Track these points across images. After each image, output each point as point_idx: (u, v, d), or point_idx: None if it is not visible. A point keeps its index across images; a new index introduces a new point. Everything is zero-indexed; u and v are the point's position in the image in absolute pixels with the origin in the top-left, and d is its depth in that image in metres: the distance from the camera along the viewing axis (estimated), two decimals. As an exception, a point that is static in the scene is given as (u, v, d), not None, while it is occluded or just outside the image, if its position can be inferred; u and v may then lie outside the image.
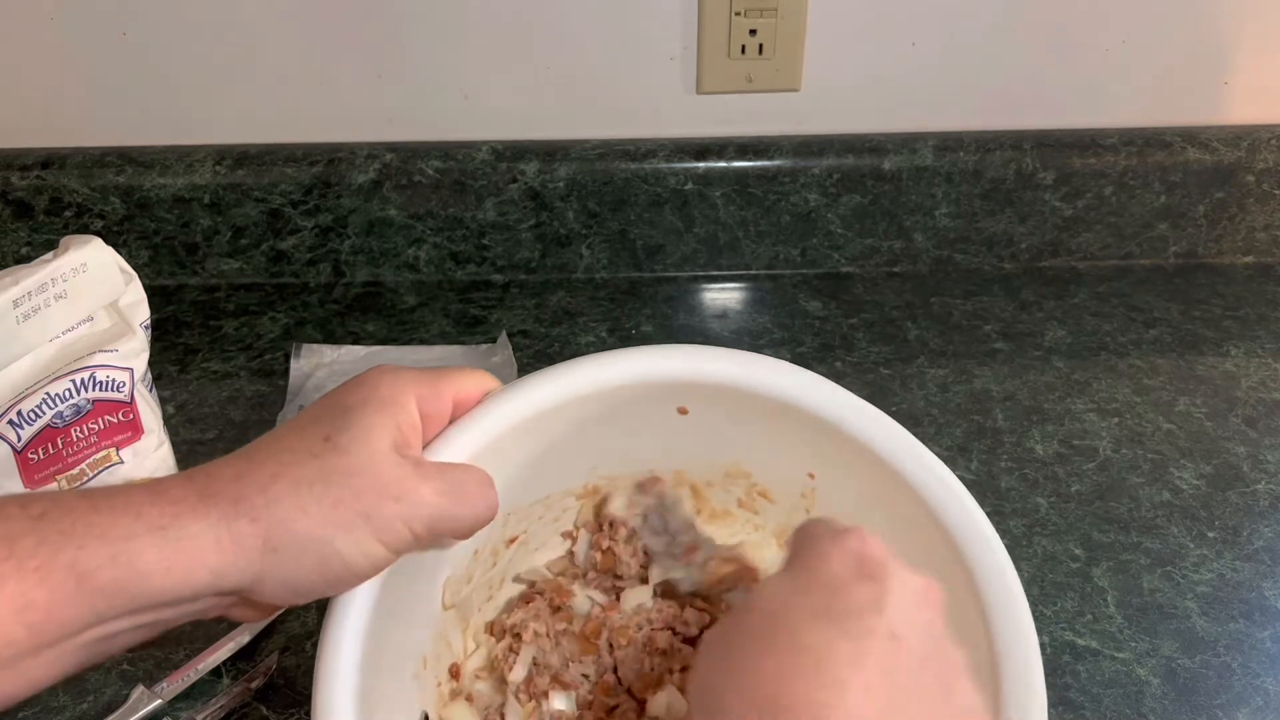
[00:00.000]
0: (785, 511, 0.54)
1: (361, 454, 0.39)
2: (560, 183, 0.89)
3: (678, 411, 0.51)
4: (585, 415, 0.50)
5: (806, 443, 0.50)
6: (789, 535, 0.43)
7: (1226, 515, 0.69)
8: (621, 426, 0.51)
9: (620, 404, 0.50)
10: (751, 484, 0.55)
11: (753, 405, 0.50)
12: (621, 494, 0.54)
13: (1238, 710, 0.57)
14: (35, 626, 0.34)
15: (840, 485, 0.51)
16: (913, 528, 0.46)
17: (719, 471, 0.54)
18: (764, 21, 0.85)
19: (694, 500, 0.56)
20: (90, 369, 0.59)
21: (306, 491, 0.38)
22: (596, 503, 0.55)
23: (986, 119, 0.91)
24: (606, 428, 0.51)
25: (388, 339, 0.86)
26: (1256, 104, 0.91)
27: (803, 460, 0.52)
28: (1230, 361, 0.83)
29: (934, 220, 0.92)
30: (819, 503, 0.53)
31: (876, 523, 0.45)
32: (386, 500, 0.39)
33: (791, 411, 0.49)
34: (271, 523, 0.38)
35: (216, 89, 0.89)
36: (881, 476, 0.48)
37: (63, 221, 0.89)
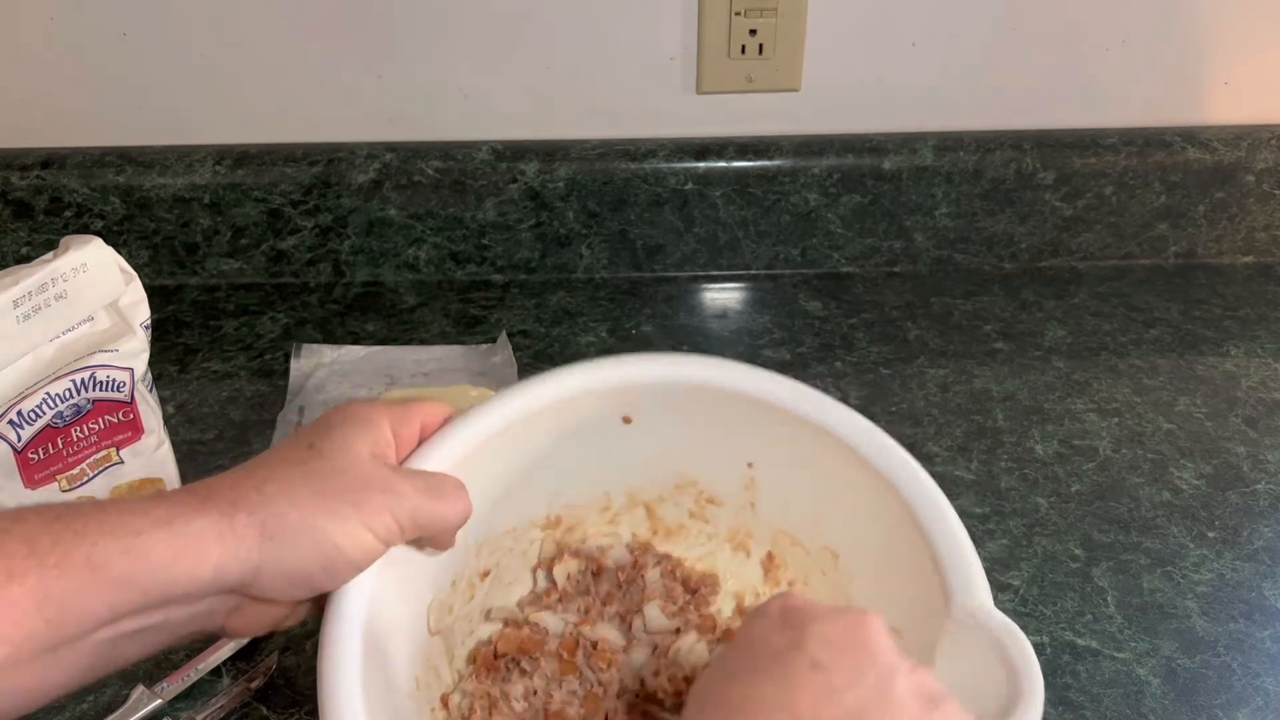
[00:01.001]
0: (733, 512, 0.57)
1: (344, 458, 0.43)
2: (560, 183, 0.89)
3: (623, 421, 0.54)
4: (539, 437, 0.53)
5: (740, 428, 0.53)
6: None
7: (1226, 515, 0.69)
8: (574, 445, 0.54)
9: (569, 419, 0.53)
10: (699, 492, 0.57)
11: (688, 400, 0.53)
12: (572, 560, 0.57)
13: (1237, 710, 0.57)
14: (54, 621, 0.36)
15: (776, 463, 0.54)
16: (845, 476, 0.50)
17: (669, 484, 0.57)
18: (764, 21, 0.85)
19: (649, 521, 0.58)
20: (90, 369, 0.59)
21: (298, 487, 0.41)
22: (559, 538, 0.57)
23: (986, 119, 0.91)
24: (561, 448, 0.54)
25: (388, 339, 0.86)
26: (1256, 104, 0.91)
27: (740, 449, 0.54)
28: (1230, 361, 0.83)
29: (934, 220, 0.92)
30: (761, 492, 0.55)
31: (806, 481, 0.51)
32: (373, 492, 0.42)
33: (722, 398, 0.52)
34: (267, 514, 0.40)
35: (216, 89, 0.89)
36: (807, 438, 0.51)
37: (63, 221, 0.89)
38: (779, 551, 0.56)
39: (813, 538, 0.54)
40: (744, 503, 0.56)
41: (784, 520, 0.55)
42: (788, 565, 0.55)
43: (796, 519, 0.55)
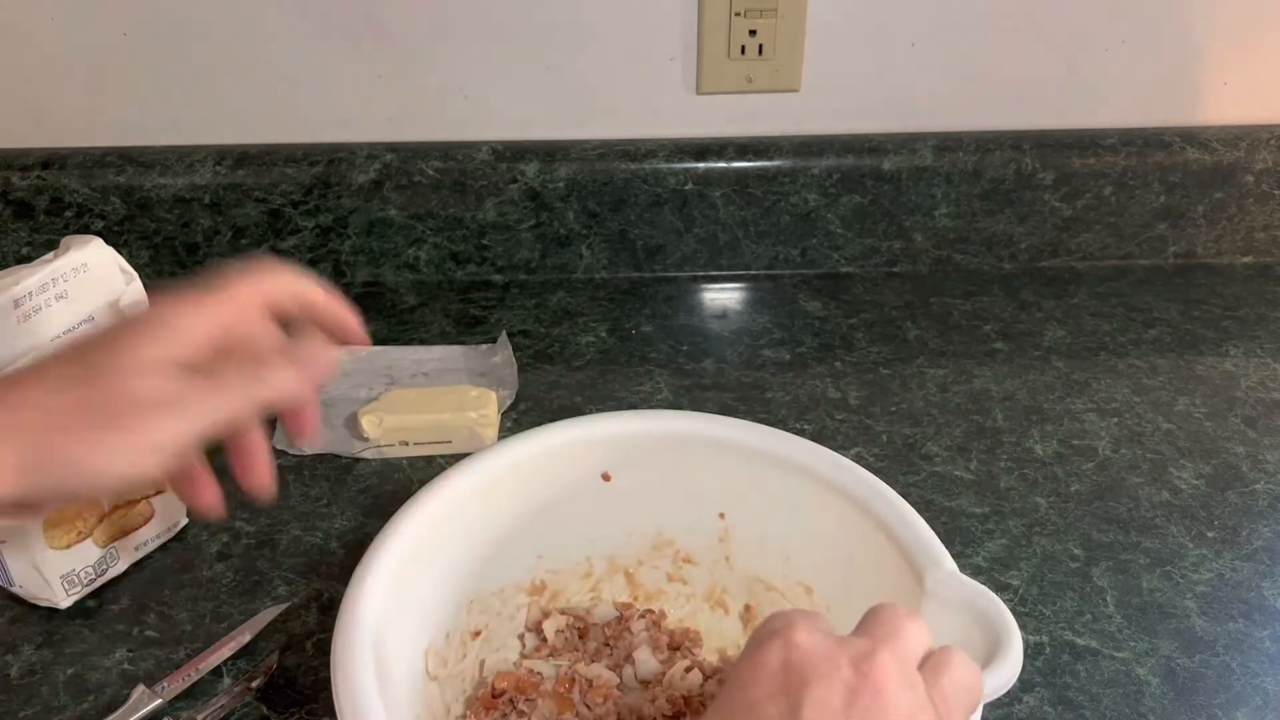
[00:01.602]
0: (709, 569, 0.58)
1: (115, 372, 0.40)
2: (560, 183, 0.89)
3: (603, 479, 0.55)
4: (523, 495, 0.54)
5: (711, 476, 0.55)
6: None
7: (1226, 515, 0.69)
8: (558, 504, 0.55)
9: (551, 475, 0.54)
10: (675, 551, 0.58)
11: (662, 452, 0.55)
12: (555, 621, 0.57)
13: (1237, 710, 0.57)
14: None
15: (746, 507, 0.55)
16: (805, 503, 0.52)
17: (646, 545, 0.58)
18: (764, 22, 0.85)
19: (629, 587, 0.59)
20: (91, 369, 0.59)
21: (56, 409, 0.39)
22: (544, 605, 0.58)
23: (986, 119, 0.92)
24: (544, 507, 0.55)
25: (388, 339, 0.86)
26: (1256, 104, 0.92)
27: (712, 500, 0.56)
28: (1229, 361, 0.83)
29: (934, 220, 0.92)
30: (735, 542, 0.56)
31: (773, 519, 0.54)
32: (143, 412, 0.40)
33: (691, 447, 0.54)
34: (22, 445, 0.38)
35: (216, 89, 0.89)
36: (771, 474, 0.53)
37: (63, 221, 0.90)
38: (756, 601, 0.57)
39: (785, 577, 0.55)
40: (719, 557, 0.57)
41: (758, 566, 0.56)
42: (765, 612, 0.55)
43: (769, 562, 0.56)
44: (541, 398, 0.79)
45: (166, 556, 0.66)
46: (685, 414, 0.56)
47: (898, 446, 0.74)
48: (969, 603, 0.44)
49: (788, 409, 0.78)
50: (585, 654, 0.56)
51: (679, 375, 0.81)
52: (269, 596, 0.63)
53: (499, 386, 0.78)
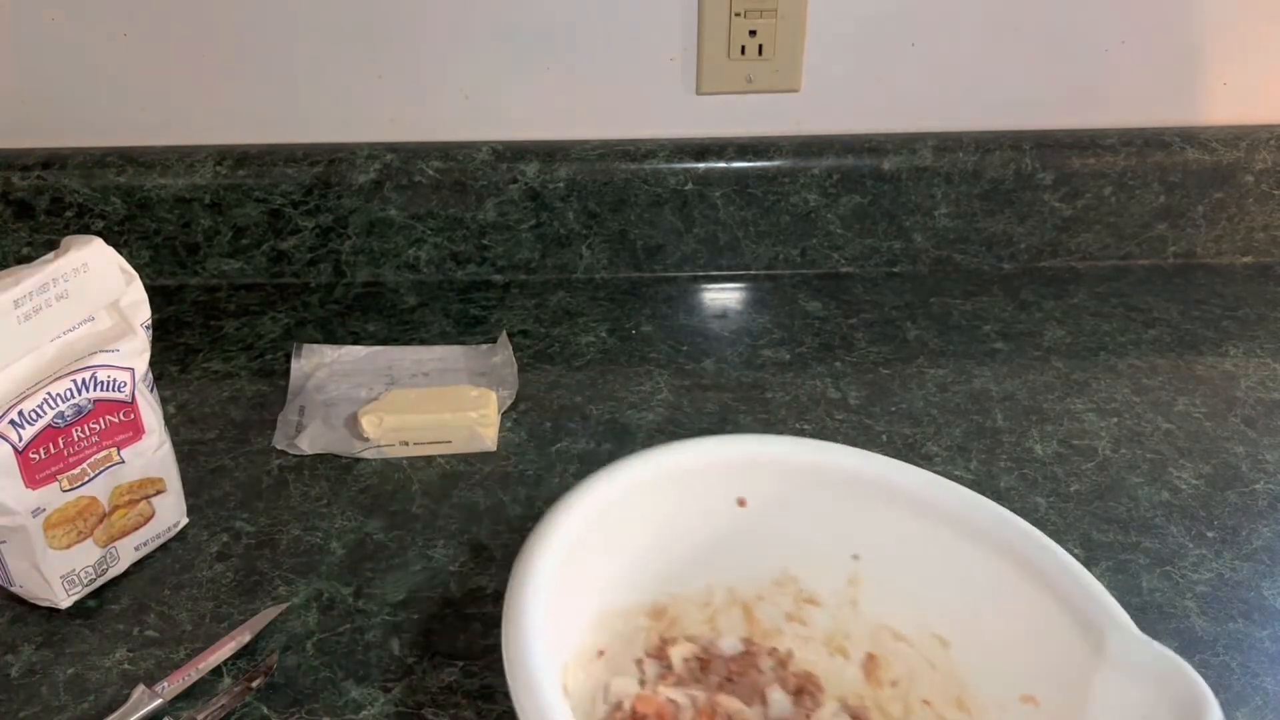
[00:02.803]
0: (832, 613, 0.54)
1: None
2: (560, 183, 0.89)
3: (738, 504, 0.52)
4: (658, 511, 0.51)
5: (849, 515, 0.51)
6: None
7: (1225, 515, 0.69)
8: (689, 525, 0.52)
9: (687, 494, 0.51)
10: (798, 590, 0.55)
11: (801, 484, 0.52)
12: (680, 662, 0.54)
13: (1237, 710, 0.57)
14: None
15: (882, 551, 0.52)
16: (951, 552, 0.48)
17: (768, 580, 0.55)
18: (764, 22, 0.85)
19: (746, 622, 0.55)
20: (91, 369, 0.59)
21: None
22: (663, 631, 0.55)
23: (986, 119, 0.92)
24: (676, 526, 0.52)
25: (388, 339, 0.86)
26: (1255, 104, 0.92)
27: (846, 541, 0.52)
28: (1229, 361, 0.83)
29: (933, 220, 0.92)
30: (865, 587, 0.53)
31: (911, 566, 0.49)
32: None
33: (833, 482, 0.51)
34: None
35: (216, 89, 0.89)
36: (913, 518, 0.49)
37: (64, 222, 0.90)
38: (880, 650, 0.53)
39: (918, 628, 0.51)
40: (845, 600, 0.54)
41: (887, 614, 0.53)
42: (891, 664, 0.53)
43: (900, 610, 0.52)
44: (541, 398, 0.79)
45: (166, 556, 0.66)
46: (828, 445, 0.53)
47: (898, 446, 0.74)
48: (1154, 669, 0.39)
49: (788, 409, 0.78)
50: (709, 686, 0.52)
51: (679, 375, 0.81)
52: (269, 596, 0.63)
53: (499, 386, 0.79)
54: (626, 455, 0.51)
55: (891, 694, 0.52)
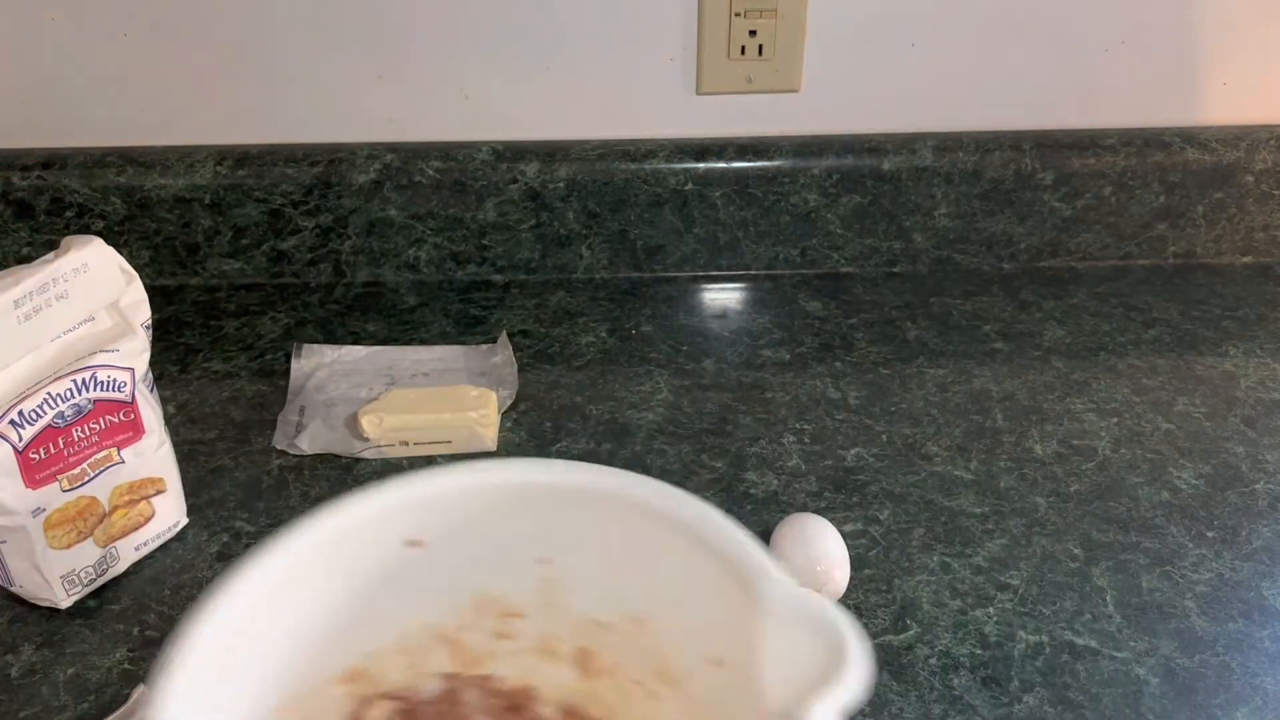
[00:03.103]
0: (536, 620, 0.54)
1: None
2: (560, 183, 0.89)
3: (409, 546, 0.51)
4: (319, 585, 0.49)
5: (526, 523, 0.52)
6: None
7: (1225, 515, 0.69)
8: (362, 586, 0.51)
9: (347, 559, 0.50)
10: (500, 608, 0.54)
11: (470, 508, 0.51)
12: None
13: (1236, 710, 0.57)
14: None
15: (566, 549, 0.52)
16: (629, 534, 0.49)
17: (467, 607, 0.54)
18: (764, 22, 0.85)
19: (454, 656, 0.55)
20: (91, 369, 0.59)
21: None
22: (362, 693, 0.53)
23: (986, 119, 0.92)
24: (348, 591, 0.51)
25: (388, 339, 0.86)
26: (1255, 104, 0.92)
27: (529, 547, 0.52)
28: (1229, 361, 0.83)
29: (933, 220, 0.92)
30: (559, 586, 0.53)
31: (596, 555, 0.50)
32: None
33: (502, 496, 0.51)
34: None
35: (216, 89, 0.89)
36: (588, 510, 0.50)
37: (64, 222, 0.90)
38: (589, 643, 0.54)
39: (616, 613, 0.53)
40: (545, 604, 0.54)
41: (586, 606, 0.53)
42: (601, 653, 0.54)
43: (596, 599, 0.53)
44: (541, 398, 0.79)
45: (166, 556, 0.66)
46: (485, 464, 0.53)
47: (898, 446, 0.74)
48: (803, 611, 0.42)
49: (788, 409, 0.78)
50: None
51: (679, 375, 0.81)
52: (269, 596, 0.63)
53: (499, 386, 0.79)
54: (262, 543, 0.48)
55: (607, 683, 0.53)
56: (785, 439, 0.75)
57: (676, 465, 0.73)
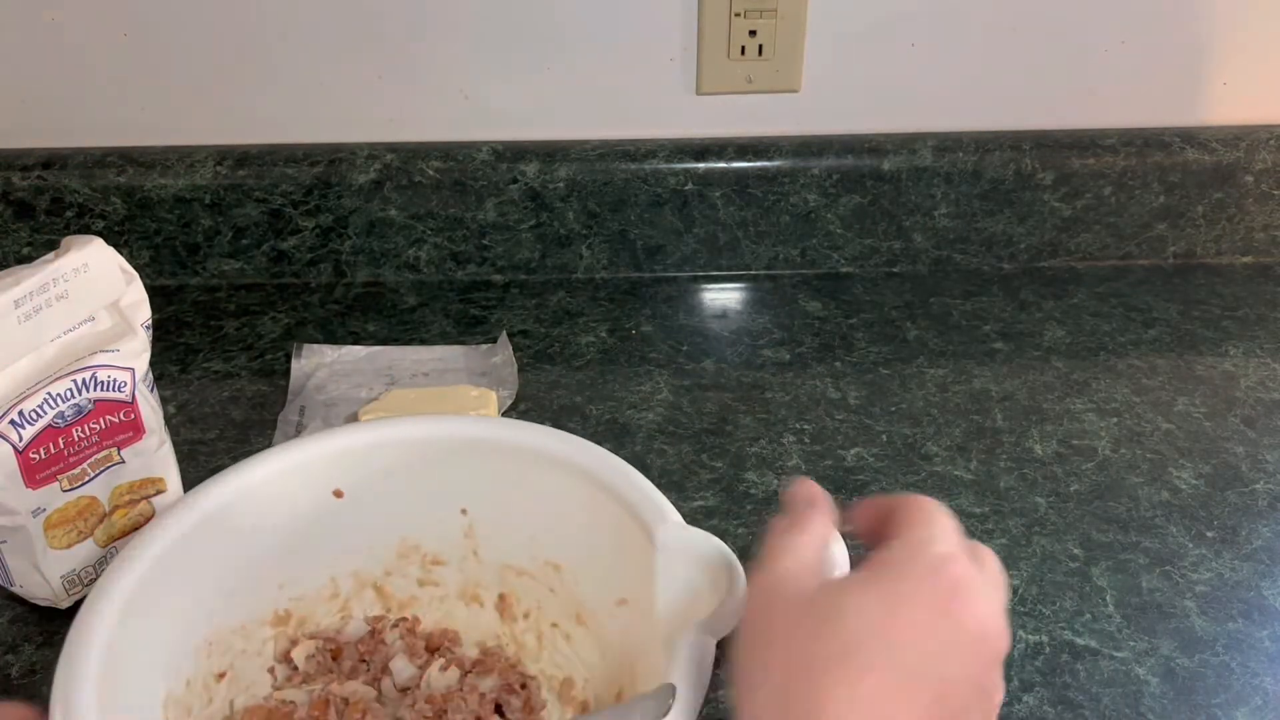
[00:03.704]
0: (458, 567, 0.57)
1: None
2: (560, 183, 0.89)
3: (334, 495, 0.54)
4: (245, 529, 0.52)
5: (447, 475, 0.54)
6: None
7: (1225, 515, 0.69)
8: (288, 532, 0.53)
9: (274, 505, 0.53)
10: (423, 555, 0.57)
11: (391, 459, 0.54)
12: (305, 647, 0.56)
13: (1236, 709, 0.57)
14: None
15: (485, 499, 0.55)
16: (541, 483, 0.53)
17: (392, 554, 0.57)
18: (764, 22, 0.85)
19: (380, 600, 0.57)
20: (91, 369, 0.59)
21: None
22: (290, 634, 0.56)
23: (985, 119, 0.92)
24: (274, 537, 0.53)
25: (388, 339, 0.86)
26: (1255, 104, 0.92)
27: (451, 498, 0.55)
28: (1229, 361, 0.83)
29: (933, 220, 0.92)
30: (480, 535, 0.56)
31: (514, 505, 0.54)
32: None
33: (421, 448, 0.54)
34: None
35: (217, 89, 0.89)
36: (505, 462, 0.53)
37: (64, 222, 0.90)
38: (508, 589, 0.56)
39: (533, 559, 0.55)
40: (466, 553, 0.57)
41: (506, 554, 0.56)
42: (520, 599, 0.56)
43: (515, 548, 0.55)
44: (541, 398, 0.79)
45: (167, 556, 0.66)
46: (408, 420, 0.56)
47: (898, 446, 0.74)
48: (695, 550, 0.46)
49: (788, 409, 0.78)
50: (340, 675, 0.54)
51: (679, 375, 0.81)
52: (269, 596, 0.63)
53: (499, 386, 0.79)
54: (201, 483, 0.52)
55: (525, 626, 0.56)
56: (785, 439, 0.75)
57: (676, 465, 0.73)
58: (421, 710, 0.52)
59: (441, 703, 0.52)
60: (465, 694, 0.52)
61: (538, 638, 0.55)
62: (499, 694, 0.53)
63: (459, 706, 0.52)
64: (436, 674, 0.54)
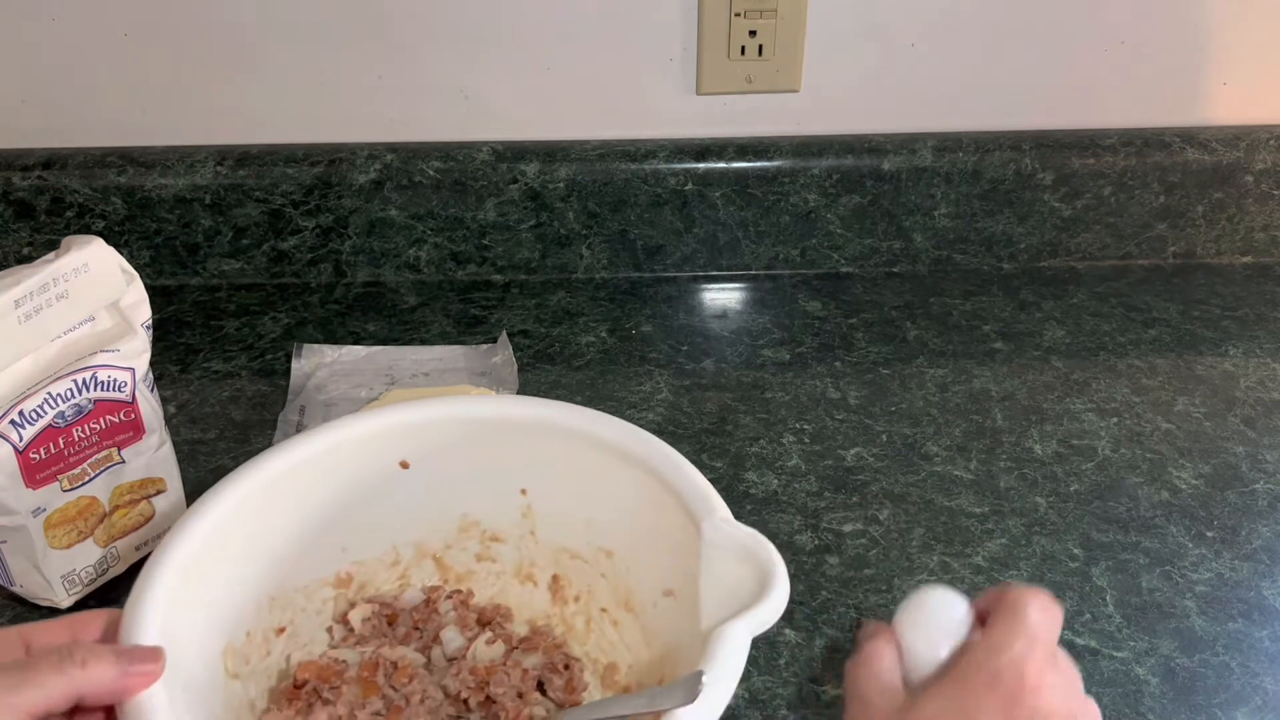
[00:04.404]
0: (515, 546, 0.58)
1: None
2: (560, 183, 0.89)
3: (400, 466, 0.55)
4: (317, 490, 0.54)
5: (509, 456, 0.56)
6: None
7: (1225, 515, 0.69)
8: (356, 497, 0.55)
9: (345, 469, 0.54)
10: (482, 531, 0.58)
11: (458, 436, 0.55)
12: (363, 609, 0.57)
13: (1236, 709, 0.57)
14: None
15: (545, 481, 0.57)
16: (601, 471, 0.53)
17: (453, 529, 0.58)
18: (764, 23, 0.85)
19: (439, 571, 0.59)
20: (92, 369, 0.59)
21: None
22: (351, 596, 0.57)
23: (985, 119, 0.92)
24: (343, 502, 0.55)
25: (388, 339, 0.86)
26: (1255, 104, 0.92)
27: (512, 478, 0.57)
28: (1229, 361, 0.83)
29: (933, 220, 0.92)
30: (538, 516, 0.57)
31: (572, 490, 0.55)
32: None
33: (487, 429, 0.55)
34: None
35: (217, 89, 0.89)
36: (567, 447, 0.54)
37: (64, 222, 0.90)
38: (562, 571, 0.58)
39: (587, 544, 0.56)
40: (524, 532, 0.58)
41: (562, 537, 0.57)
42: (572, 581, 0.57)
43: (571, 532, 0.57)
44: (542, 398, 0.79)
45: (167, 556, 0.66)
46: (477, 398, 0.58)
47: (898, 446, 0.74)
48: (741, 545, 0.47)
49: (788, 409, 0.78)
50: (393, 639, 0.56)
51: (679, 375, 0.81)
52: (269, 596, 0.63)
53: (499, 386, 0.79)
54: (269, 448, 0.53)
55: (575, 609, 0.57)
56: (785, 439, 0.75)
57: (676, 465, 0.73)
58: (465, 680, 0.53)
59: (485, 675, 0.53)
60: (509, 668, 0.53)
61: (586, 621, 0.56)
62: (543, 672, 0.54)
63: (502, 680, 0.52)
64: (483, 646, 0.55)
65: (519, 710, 0.51)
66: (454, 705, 0.52)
